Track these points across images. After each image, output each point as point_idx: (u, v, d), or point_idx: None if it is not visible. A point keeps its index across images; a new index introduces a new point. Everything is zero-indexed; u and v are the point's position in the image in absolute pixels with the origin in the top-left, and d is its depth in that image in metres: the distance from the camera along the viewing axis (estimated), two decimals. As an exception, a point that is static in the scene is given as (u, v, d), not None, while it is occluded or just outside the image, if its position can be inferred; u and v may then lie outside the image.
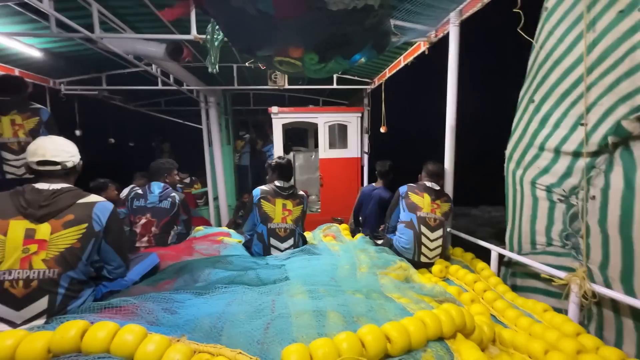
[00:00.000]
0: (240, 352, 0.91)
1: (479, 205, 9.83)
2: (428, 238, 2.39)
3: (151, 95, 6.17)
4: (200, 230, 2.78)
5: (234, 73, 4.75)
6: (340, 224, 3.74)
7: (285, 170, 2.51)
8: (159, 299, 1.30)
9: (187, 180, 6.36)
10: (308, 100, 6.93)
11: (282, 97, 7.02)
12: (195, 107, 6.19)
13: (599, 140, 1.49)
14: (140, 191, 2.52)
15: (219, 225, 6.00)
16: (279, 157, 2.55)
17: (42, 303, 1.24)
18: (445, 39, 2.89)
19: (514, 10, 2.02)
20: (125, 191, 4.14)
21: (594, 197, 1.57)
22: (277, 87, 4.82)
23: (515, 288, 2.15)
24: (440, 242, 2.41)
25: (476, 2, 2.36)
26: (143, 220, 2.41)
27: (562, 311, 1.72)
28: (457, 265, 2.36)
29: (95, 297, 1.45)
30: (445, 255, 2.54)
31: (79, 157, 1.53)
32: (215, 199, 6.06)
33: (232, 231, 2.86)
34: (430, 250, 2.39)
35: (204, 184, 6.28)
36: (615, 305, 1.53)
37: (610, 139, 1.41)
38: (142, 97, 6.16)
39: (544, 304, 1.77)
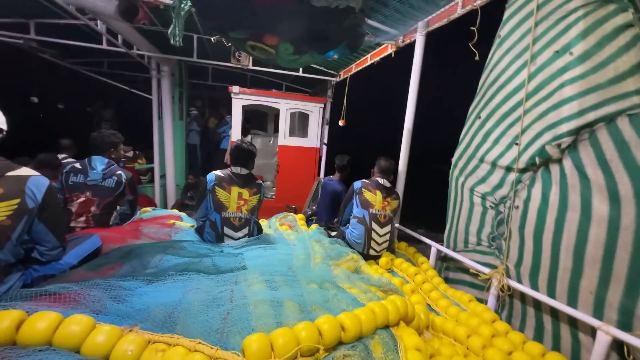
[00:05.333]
0: (200, 342, 0.92)
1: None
2: (377, 233, 2.57)
3: (92, 54, 5.41)
4: (147, 212, 2.59)
5: (193, 44, 4.40)
6: (294, 212, 3.80)
7: (244, 155, 2.35)
8: (105, 286, 1.22)
9: (130, 154, 5.80)
10: (271, 83, 6.74)
11: (243, 76, 6.71)
12: (144, 74, 5.60)
13: (527, 159, 1.74)
14: (78, 165, 2.23)
15: (165, 205, 5.62)
16: (241, 141, 2.39)
17: (-40, 288, 1.09)
18: (411, 46, 3.05)
19: (472, 28, 2.22)
20: (56, 159, 3.68)
21: (517, 207, 1.85)
22: (240, 66, 4.61)
23: (447, 280, 2.45)
24: (387, 237, 2.61)
25: (442, 17, 2.52)
26: (81, 199, 2.16)
27: (483, 301, 2.02)
28: (401, 258, 2.59)
29: (25, 282, 1.30)
30: (391, 249, 2.76)
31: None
32: (162, 177, 5.64)
33: (183, 214, 2.72)
34: (379, 244, 2.58)
35: (149, 159, 5.79)
36: (522, 297, 1.84)
37: (537, 160, 1.67)
38: (80, 54, 5.38)
39: (469, 294, 2.05)
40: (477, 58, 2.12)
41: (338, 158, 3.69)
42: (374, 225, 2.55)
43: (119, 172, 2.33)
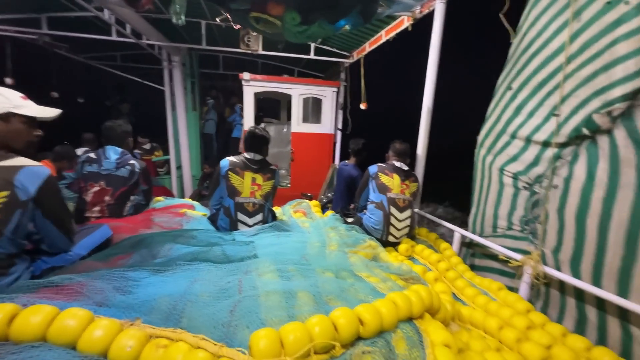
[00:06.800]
0: (203, 338, 0.84)
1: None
2: (397, 219, 2.43)
3: (104, 48, 5.45)
4: (160, 202, 2.57)
5: (202, 31, 4.30)
6: (309, 199, 3.70)
7: (257, 141, 2.32)
8: (110, 277, 1.16)
9: (147, 147, 5.86)
10: (282, 69, 6.59)
11: (254, 63, 6.59)
12: (156, 65, 5.59)
13: (569, 132, 1.54)
14: (93, 155, 2.22)
15: (182, 196, 5.69)
16: (254, 127, 2.36)
17: (-39, 281, 1.06)
18: (429, 17, 2.80)
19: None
20: (78, 152, 3.75)
21: (556, 186, 1.65)
22: (249, 52, 4.47)
23: (473, 267, 2.28)
24: (408, 222, 2.47)
25: (465, -21, 2.27)
26: (95, 188, 2.15)
27: (514, 289, 1.85)
28: (423, 244, 2.44)
29: (33, 274, 1.27)
30: (411, 235, 2.61)
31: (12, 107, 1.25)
32: (179, 168, 5.69)
33: (196, 203, 2.68)
34: (398, 230, 2.44)
35: (166, 151, 5.84)
36: (561, 285, 1.66)
37: (582, 131, 1.46)
38: (94, 49, 5.42)
39: (499, 282, 1.89)
40: (511, 37, 1.87)
41: (352, 142, 3.53)
42: (393, 210, 2.41)
43: (133, 161, 2.30)
